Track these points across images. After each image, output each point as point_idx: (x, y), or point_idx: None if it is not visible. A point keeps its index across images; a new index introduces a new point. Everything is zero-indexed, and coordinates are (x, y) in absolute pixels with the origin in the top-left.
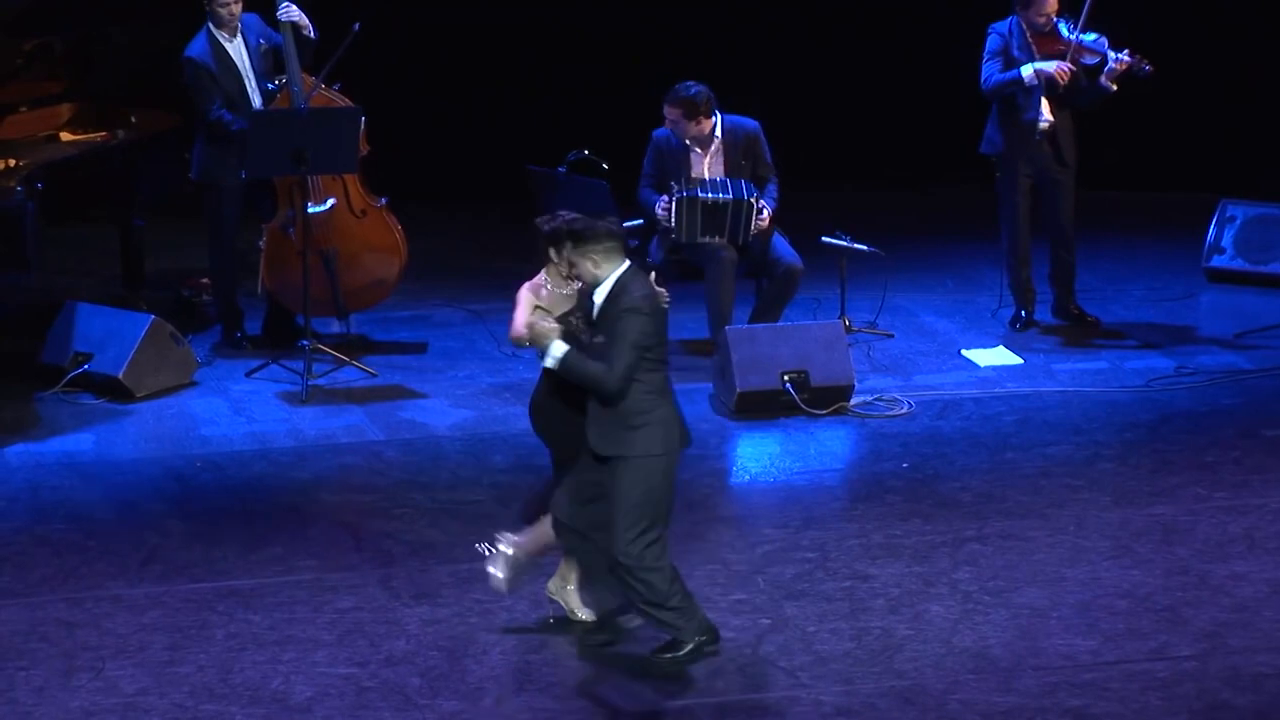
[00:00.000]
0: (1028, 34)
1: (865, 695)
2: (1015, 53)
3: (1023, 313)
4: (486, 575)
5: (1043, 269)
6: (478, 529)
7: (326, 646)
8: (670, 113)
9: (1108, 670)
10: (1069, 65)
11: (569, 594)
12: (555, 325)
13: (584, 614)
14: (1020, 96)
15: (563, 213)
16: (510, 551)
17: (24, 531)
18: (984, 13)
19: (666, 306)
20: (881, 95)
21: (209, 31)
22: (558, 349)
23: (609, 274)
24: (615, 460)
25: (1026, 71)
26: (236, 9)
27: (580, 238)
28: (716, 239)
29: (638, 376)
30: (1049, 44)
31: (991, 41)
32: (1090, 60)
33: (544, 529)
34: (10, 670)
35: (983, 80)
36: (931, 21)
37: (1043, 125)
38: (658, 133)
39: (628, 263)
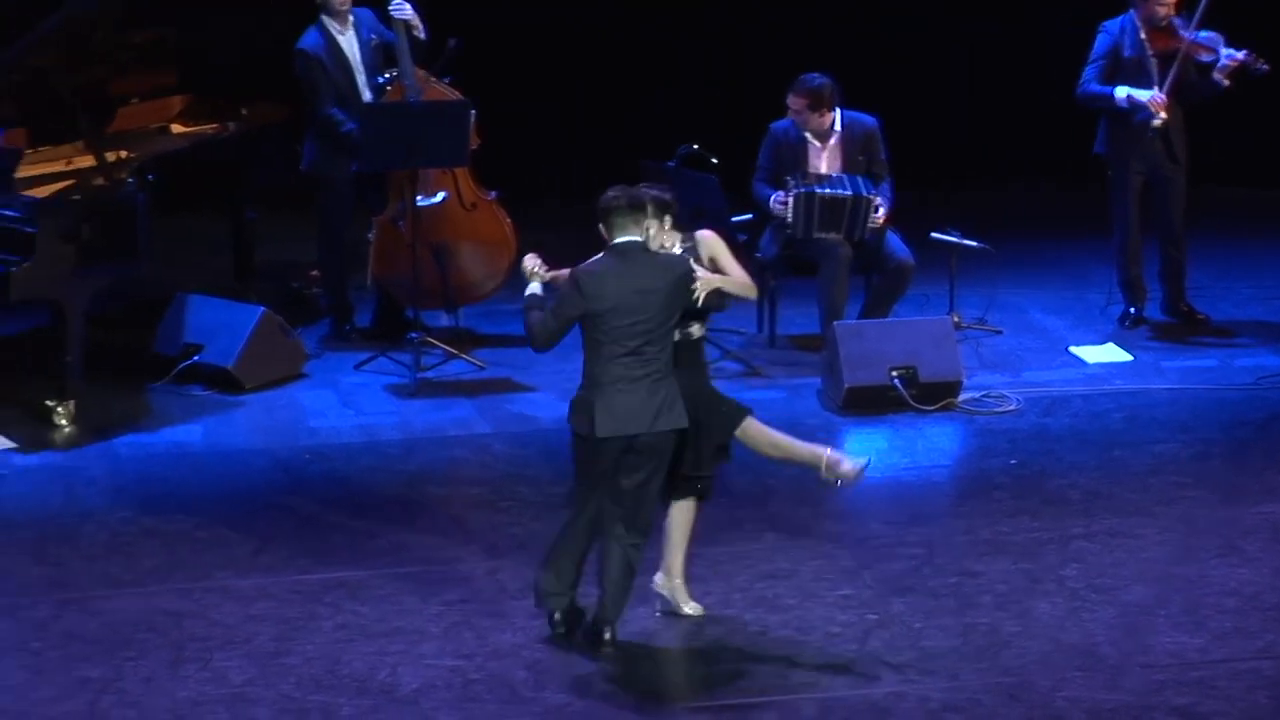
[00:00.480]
0: (1142, 31)
1: (972, 691)
2: (1127, 51)
3: (1132, 310)
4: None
5: (1153, 266)
6: None
7: (433, 638)
8: (795, 102)
9: (1215, 668)
10: (1164, 98)
11: (677, 588)
12: (542, 271)
13: (690, 608)
14: (1149, 102)
15: (648, 186)
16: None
17: (133, 522)
18: (1097, 9)
19: (699, 294)
20: (992, 93)
21: (322, 24)
22: (530, 289)
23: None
24: None
25: (1120, 94)
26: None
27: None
28: (833, 235)
29: (586, 352)
30: (1163, 40)
31: (1100, 42)
32: (1206, 58)
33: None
34: (119, 660)
35: (1080, 83)
36: (1038, 18)
37: (1156, 124)
38: (776, 125)
39: (628, 238)
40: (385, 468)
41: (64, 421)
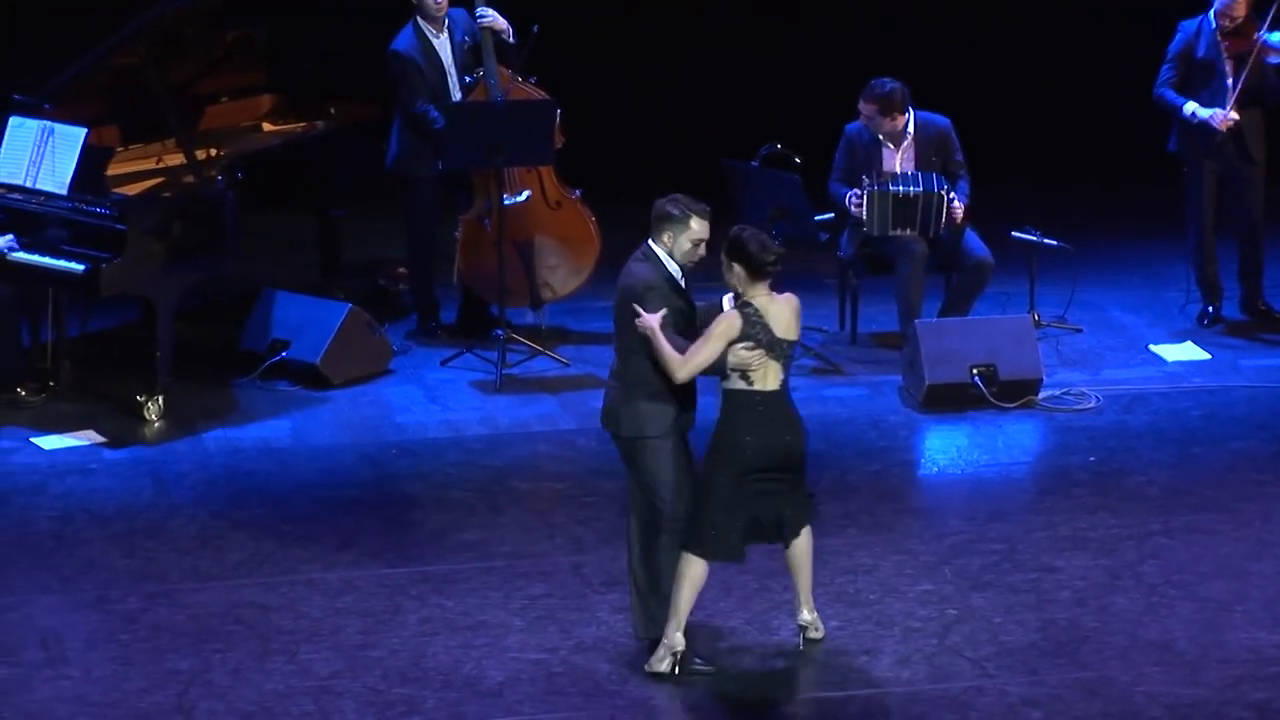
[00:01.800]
0: (1218, 32)
1: (1051, 686)
2: (1200, 53)
3: (1209, 308)
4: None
5: (1231, 265)
6: None
7: (518, 632)
8: (865, 109)
9: None
10: (1231, 115)
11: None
12: None
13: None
14: (1204, 96)
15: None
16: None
17: (222, 516)
18: (1174, 3)
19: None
20: (1072, 92)
21: (416, 25)
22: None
23: None
24: None
25: (1188, 109)
26: (444, 1)
27: None
28: (908, 231)
29: None
30: (1238, 42)
31: (1174, 42)
32: (1275, 59)
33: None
34: (207, 652)
35: (1156, 84)
36: (1117, 14)
37: (1228, 123)
38: (850, 127)
39: (650, 243)
40: (470, 463)
41: (153, 416)
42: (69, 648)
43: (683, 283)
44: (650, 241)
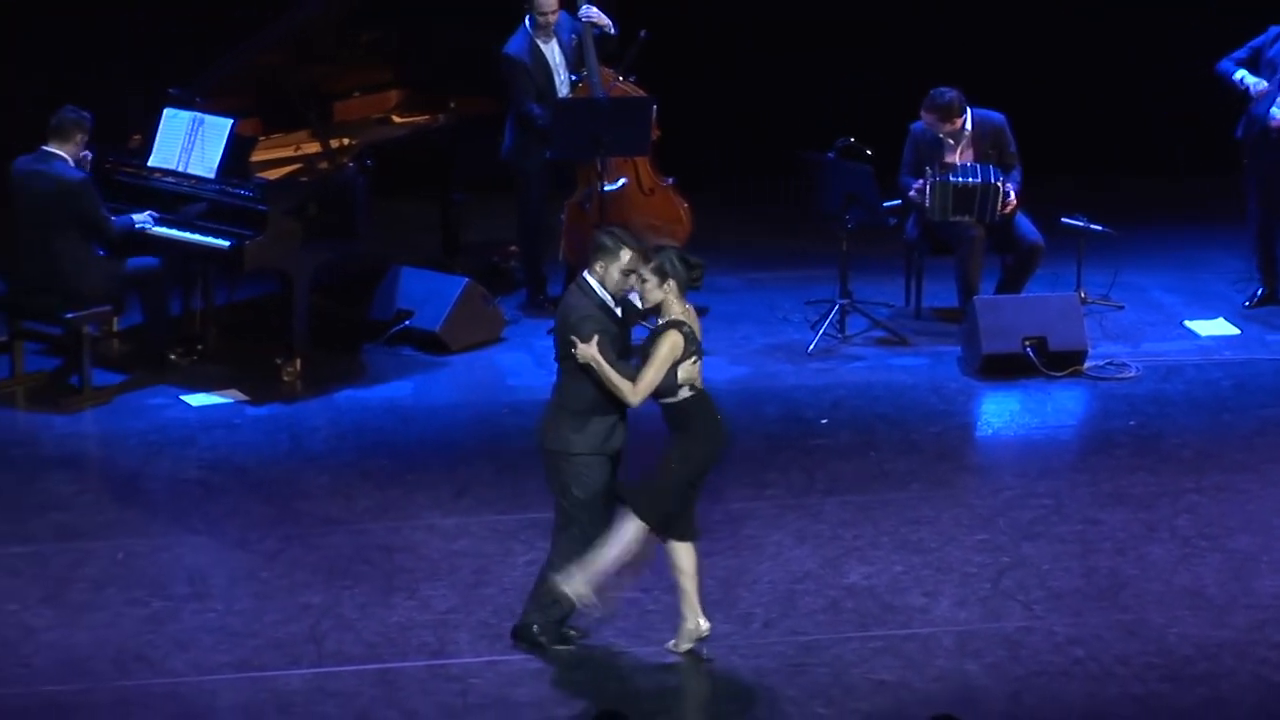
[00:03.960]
0: None
1: (1093, 627)
2: (1269, 52)
3: (1260, 290)
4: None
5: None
6: (750, 472)
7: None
8: (926, 116)
9: None
10: (1266, 86)
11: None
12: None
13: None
14: (1253, 90)
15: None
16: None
17: (351, 466)
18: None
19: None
20: (1135, 88)
21: (527, 29)
22: None
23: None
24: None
25: (1238, 75)
26: (554, 17)
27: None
28: (966, 218)
29: None
30: None
31: (1260, 36)
32: None
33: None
34: (337, 589)
35: (1225, 59)
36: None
37: (1273, 124)
38: (915, 126)
39: (585, 273)
40: None
41: (290, 378)
42: (213, 584)
43: (617, 310)
44: (585, 272)
